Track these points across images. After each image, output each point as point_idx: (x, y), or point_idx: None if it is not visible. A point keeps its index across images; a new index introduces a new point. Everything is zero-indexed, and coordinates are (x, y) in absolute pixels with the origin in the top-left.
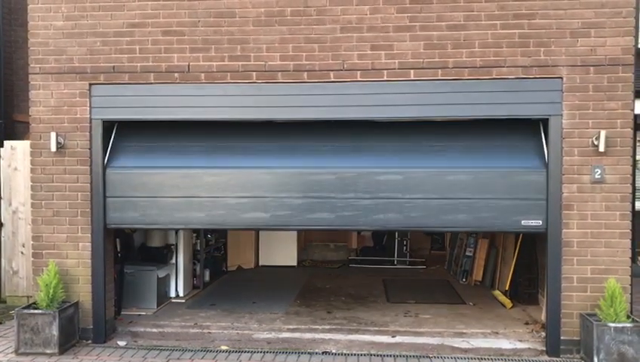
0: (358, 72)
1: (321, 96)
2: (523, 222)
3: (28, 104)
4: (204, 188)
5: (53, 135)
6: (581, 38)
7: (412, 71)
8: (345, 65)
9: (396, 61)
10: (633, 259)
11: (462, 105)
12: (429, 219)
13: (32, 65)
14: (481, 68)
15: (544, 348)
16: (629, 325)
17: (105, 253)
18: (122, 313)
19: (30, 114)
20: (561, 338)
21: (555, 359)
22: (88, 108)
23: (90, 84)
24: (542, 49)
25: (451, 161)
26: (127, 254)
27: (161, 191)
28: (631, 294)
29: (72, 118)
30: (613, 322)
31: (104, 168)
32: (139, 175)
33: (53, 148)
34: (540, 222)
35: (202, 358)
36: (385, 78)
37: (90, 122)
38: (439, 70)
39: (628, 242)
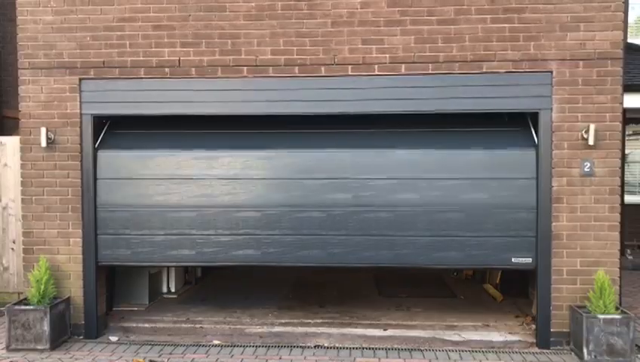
0: (349, 67)
1: (313, 90)
2: (514, 260)
3: (17, 100)
4: (197, 224)
5: (43, 130)
6: (570, 32)
7: (403, 65)
8: (336, 60)
9: (387, 55)
10: (622, 252)
11: (452, 99)
12: (421, 257)
13: (21, 61)
14: (472, 62)
15: (534, 340)
16: (617, 317)
17: (96, 249)
18: (114, 309)
19: (20, 109)
20: (551, 330)
21: (545, 351)
22: (78, 104)
23: (80, 79)
24: (532, 43)
25: (440, 196)
26: None
27: (153, 226)
28: (620, 286)
29: (62, 113)
30: (603, 314)
31: (94, 160)
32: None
33: (44, 143)
34: (530, 259)
35: (194, 353)
36: (376, 73)
37: (81, 117)
38: (430, 64)
39: (617, 235)
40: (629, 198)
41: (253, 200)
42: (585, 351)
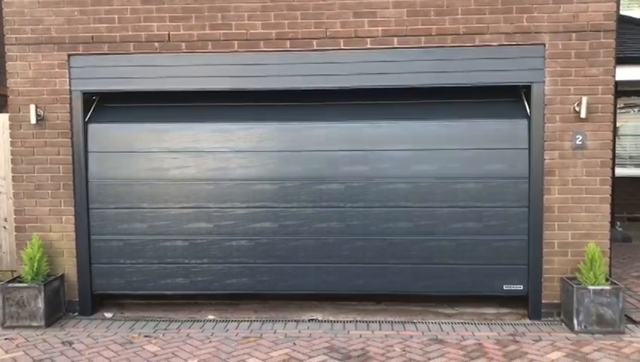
0: (342, 40)
1: (304, 64)
2: (505, 287)
3: (4, 76)
4: (192, 252)
5: (32, 107)
6: (563, 4)
7: (395, 38)
8: (328, 34)
9: (379, 29)
10: (612, 224)
11: (445, 73)
12: (412, 284)
13: (7, 36)
14: (464, 35)
15: (526, 312)
16: (607, 287)
17: (89, 225)
18: None
19: (8, 86)
20: (543, 301)
21: (536, 322)
22: (68, 80)
23: (69, 55)
24: (524, 15)
25: (432, 224)
26: None
27: (147, 257)
28: (610, 258)
29: (51, 89)
30: (593, 285)
31: (85, 131)
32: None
33: (33, 120)
34: (522, 287)
35: (190, 328)
36: (368, 46)
37: (70, 94)
38: (422, 37)
39: (607, 207)
40: (619, 171)
41: (244, 229)
42: (575, 321)
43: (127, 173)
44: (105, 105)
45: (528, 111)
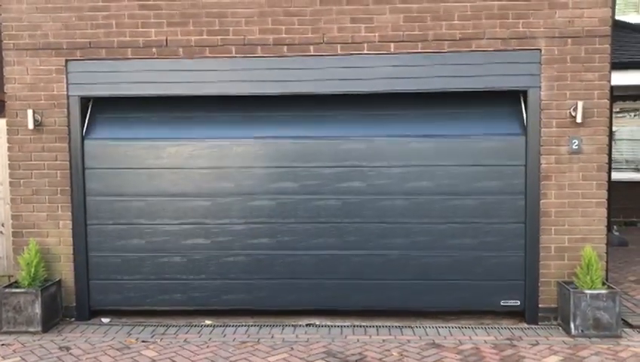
0: (339, 46)
1: (302, 70)
2: (502, 303)
3: (2, 81)
4: (189, 268)
5: (29, 112)
6: (559, 9)
7: (392, 44)
8: (325, 39)
9: (376, 34)
10: (608, 228)
11: (442, 78)
12: (410, 300)
13: (5, 42)
14: (461, 40)
15: (523, 317)
16: (604, 291)
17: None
18: None
19: (5, 91)
20: (539, 306)
21: (533, 326)
22: (65, 85)
23: (67, 60)
24: (520, 21)
25: (429, 240)
26: None
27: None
28: (606, 262)
29: (48, 94)
30: (590, 289)
31: (82, 144)
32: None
33: (31, 125)
34: (519, 302)
35: (187, 333)
36: (365, 52)
37: (68, 99)
38: (419, 43)
39: (604, 211)
40: (615, 175)
41: (242, 245)
42: (572, 325)
43: (125, 190)
44: (101, 115)
45: (525, 118)
